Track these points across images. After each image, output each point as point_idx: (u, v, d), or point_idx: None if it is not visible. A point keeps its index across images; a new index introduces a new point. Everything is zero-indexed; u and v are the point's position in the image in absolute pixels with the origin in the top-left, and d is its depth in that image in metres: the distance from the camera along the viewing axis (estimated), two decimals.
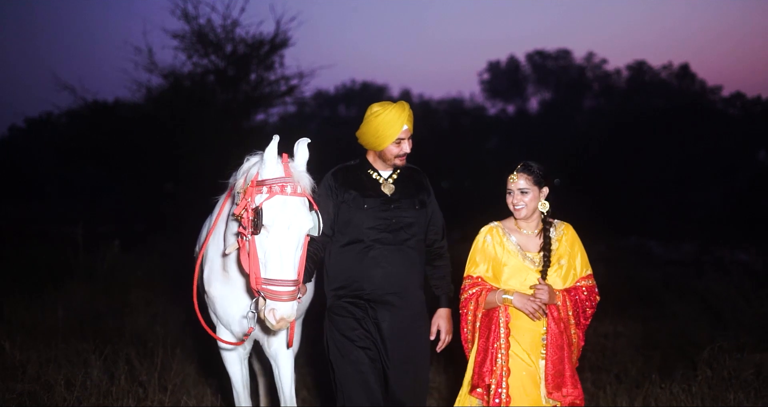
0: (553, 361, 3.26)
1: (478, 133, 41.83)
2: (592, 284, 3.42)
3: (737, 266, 8.95)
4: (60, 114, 24.46)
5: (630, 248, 16.16)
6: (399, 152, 3.49)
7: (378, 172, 3.58)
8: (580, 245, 3.45)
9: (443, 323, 3.66)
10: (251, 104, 14.75)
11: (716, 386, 4.80)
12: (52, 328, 6.24)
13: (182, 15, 14.26)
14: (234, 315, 3.39)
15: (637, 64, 48.38)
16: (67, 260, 8.50)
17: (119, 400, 4.39)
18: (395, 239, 3.48)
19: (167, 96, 14.61)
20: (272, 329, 2.85)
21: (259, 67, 14.62)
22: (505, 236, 3.42)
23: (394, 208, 3.51)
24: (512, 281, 3.35)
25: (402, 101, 3.48)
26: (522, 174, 3.34)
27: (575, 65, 49.04)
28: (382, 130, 3.41)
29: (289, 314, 2.80)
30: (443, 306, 3.68)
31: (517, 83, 49.16)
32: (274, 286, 2.79)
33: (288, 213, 2.85)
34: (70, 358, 5.22)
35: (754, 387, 4.82)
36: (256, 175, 2.93)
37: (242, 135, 13.91)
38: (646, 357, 5.87)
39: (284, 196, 2.87)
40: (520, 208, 3.34)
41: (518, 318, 3.32)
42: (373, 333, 3.46)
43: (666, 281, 9.20)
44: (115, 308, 7.24)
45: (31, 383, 4.73)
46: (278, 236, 2.83)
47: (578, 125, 44.17)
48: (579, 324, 3.39)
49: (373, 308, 3.46)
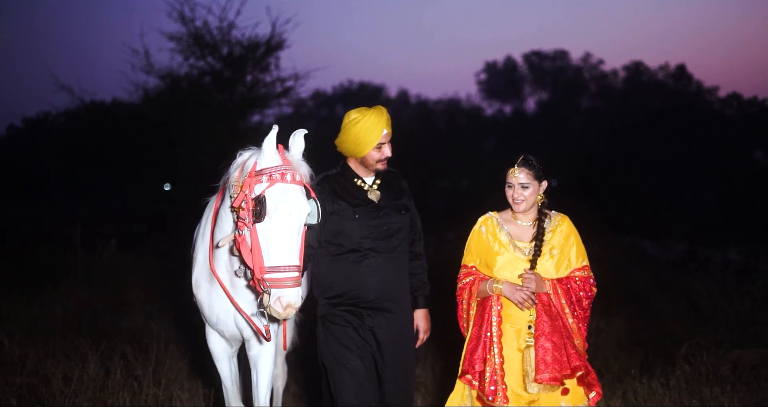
0: (544, 346, 3.26)
1: (475, 133, 41.87)
2: (587, 275, 3.41)
3: (724, 266, 9.11)
4: (58, 114, 24.59)
5: (624, 248, 16.17)
6: (381, 157, 3.48)
7: (362, 179, 3.57)
8: (576, 236, 3.46)
9: (422, 323, 3.74)
10: (247, 105, 14.87)
11: (693, 381, 4.95)
12: (51, 326, 6.33)
13: (179, 17, 14.41)
14: (221, 316, 3.42)
15: (633, 65, 48.52)
16: (65, 259, 8.61)
17: (114, 394, 4.52)
18: (388, 246, 3.50)
19: (164, 97, 14.72)
20: (279, 318, 2.87)
21: (255, 68, 14.73)
22: (499, 227, 3.45)
23: (383, 214, 3.51)
24: (504, 271, 3.38)
25: (379, 106, 3.50)
26: (523, 168, 3.35)
27: (572, 66, 49.10)
28: (363, 137, 3.40)
29: (295, 300, 2.83)
30: (421, 307, 3.74)
31: (514, 84, 49.19)
32: (278, 273, 2.82)
33: (289, 200, 2.88)
34: (67, 353, 5.35)
35: (730, 381, 4.97)
36: (254, 165, 2.95)
37: (238, 136, 14.00)
38: (629, 353, 6.00)
39: (284, 183, 2.90)
40: (520, 202, 3.36)
41: (510, 307, 3.36)
42: (369, 340, 3.47)
43: (654, 280, 9.32)
44: (112, 306, 7.32)
45: (29, 377, 4.87)
46: (281, 222, 2.85)
47: (575, 126, 44.22)
48: (576, 314, 3.38)
49: (370, 316, 3.48)
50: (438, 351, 5.97)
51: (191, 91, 14.41)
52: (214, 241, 3.26)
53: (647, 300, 7.96)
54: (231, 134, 14.00)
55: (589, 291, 3.39)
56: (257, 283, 2.89)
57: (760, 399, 4.75)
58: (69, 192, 32.21)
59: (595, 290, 3.42)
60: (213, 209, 3.37)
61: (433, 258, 3.72)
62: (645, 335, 6.52)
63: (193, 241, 3.63)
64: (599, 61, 48.94)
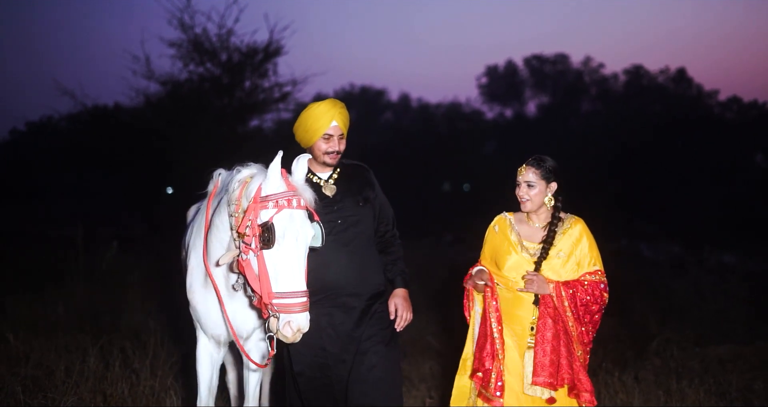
0: (543, 349, 3.25)
1: (476, 136, 41.92)
2: (598, 279, 3.34)
3: (715, 268, 9.31)
4: (60, 118, 24.84)
5: (619, 250, 16.33)
6: (328, 149, 3.43)
7: (316, 175, 3.54)
8: (590, 240, 3.40)
9: (399, 301, 3.57)
10: (246, 110, 15.11)
11: (662, 374, 5.21)
12: (53, 323, 6.55)
13: (179, 25, 14.65)
14: (219, 322, 3.45)
15: (634, 69, 48.42)
16: (67, 260, 8.84)
17: (113, 384, 4.77)
18: (343, 239, 3.45)
19: (165, 102, 14.96)
20: (286, 342, 2.87)
21: (253, 74, 14.96)
22: (510, 227, 3.46)
23: (338, 209, 3.47)
24: (512, 271, 3.39)
25: (334, 99, 3.48)
26: (531, 167, 3.35)
27: (573, 70, 49.02)
28: (311, 123, 3.40)
29: (304, 325, 2.85)
30: (398, 286, 3.63)
31: (514, 87, 49.13)
32: (287, 299, 2.83)
33: (296, 226, 2.90)
34: (69, 348, 5.60)
35: (698, 374, 5.24)
36: (258, 190, 2.94)
37: (238, 140, 14.28)
38: (605, 349, 6.24)
39: (291, 209, 2.91)
40: (525, 200, 3.37)
41: (515, 307, 3.38)
42: (331, 338, 3.43)
43: (640, 281, 9.54)
44: (113, 305, 7.48)
45: (34, 369, 5.11)
46: (288, 249, 2.86)
47: (575, 129, 44.28)
48: (579, 318, 3.31)
49: (330, 314, 3.44)
50: (431, 348, 6.22)
51: (191, 96, 14.62)
52: (209, 251, 3.28)
53: (630, 299, 8.19)
54: (230, 138, 14.23)
55: (599, 297, 3.32)
56: (264, 307, 2.91)
57: (723, 390, 5.01)
58: (71, 194, 32.36)
59: (606, 296, 3.35)
60: (205, 216, 3.37)
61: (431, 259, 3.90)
62: (623, 332, 6.76)
63: (184, 246, 3.66)
64: (600, 65, 48.98)
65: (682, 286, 7.23)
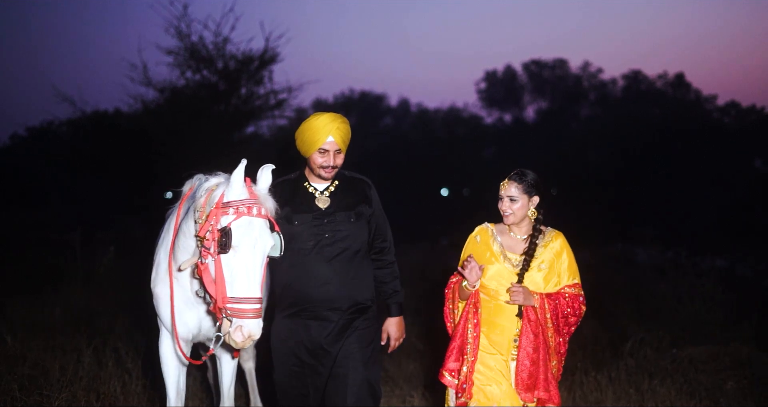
0: (524, 363, 3.33)
1: (475, 141, 42.16)
2: (577, 292, 3.44)
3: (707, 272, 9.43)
4: (60, 124, 25.03)
5: (614, 254, 16.42)
6: (323, 163, 3.43)
7: (312, 185, 3.55)
8: (569, 254, 3.48)
9: (392, 330, 3.70)
10: (242, 117, 15.27)
11: (635, 374, 5.41)
12: (51, 326, 6.72)
13: (176, 33, 14.81)
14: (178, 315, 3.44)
15: (632, 74, 48.80)
16: (65, 264, 9.04)
17: (106, 383, 4.98)
18: (327, 253, 3.45)
19: (162, 109, 15.13)
20: (236, 347, 2.89)
21: (249, 82, 15.14)
22: (492, 238, 3.51)
23: (328, 222, 3.47)
24: (492, 281, 3.44)
25: (335, 114, 3.45)
26: (513, 182, 3.40)
27: (571, 75, 49.28)
28: (308, 135, 3.40)
29: (255, 331, 2.87)
30: (393, 315, 3.71)
31: (513, 92, 49.32)
32: (240, 304, 2.86)
33: (254, 233, 2.93)
34: (65, 349, 5.79)
35: (670, 374, 5.44)
36: (221, 197, 2.99)
37: (234, 146, 14.45)
38: (584, 350, 6.42)
39: (250, 217, 2.94)
40: (508, 214, 3.42)
41: (495, 315, 3.43)
42: (308, 350, 3.47)
43: (625, 284, 9.68)
44: (109, 308, 7.63)
45: (30, 368, 5.30)
46: (245, 255, 2.91)
47: (574, 134, 44.45)
48: (558, 329, 3.41)
49: (306, 325, 3.47)
50: (413, 352, 6.40)
51: (188, 103, 14.77)
52: (175, 255, 3.34)
53: (613, 302, 8.35)
54: (227, 144, 14.39)
55: (578, 309, 3.42)
56: (219, 312, 2.94)
57: (693, 389, 5.20)
58: (70, 199, 32.50)
59: (584, 309, 3.45)
60: (175, 220, 3.45)
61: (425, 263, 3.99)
62: (602, 334, 6.95)
63: (156, 245, 3.75)
64: (598, 70, 49.31)
65: (663, 289, 7.39)
